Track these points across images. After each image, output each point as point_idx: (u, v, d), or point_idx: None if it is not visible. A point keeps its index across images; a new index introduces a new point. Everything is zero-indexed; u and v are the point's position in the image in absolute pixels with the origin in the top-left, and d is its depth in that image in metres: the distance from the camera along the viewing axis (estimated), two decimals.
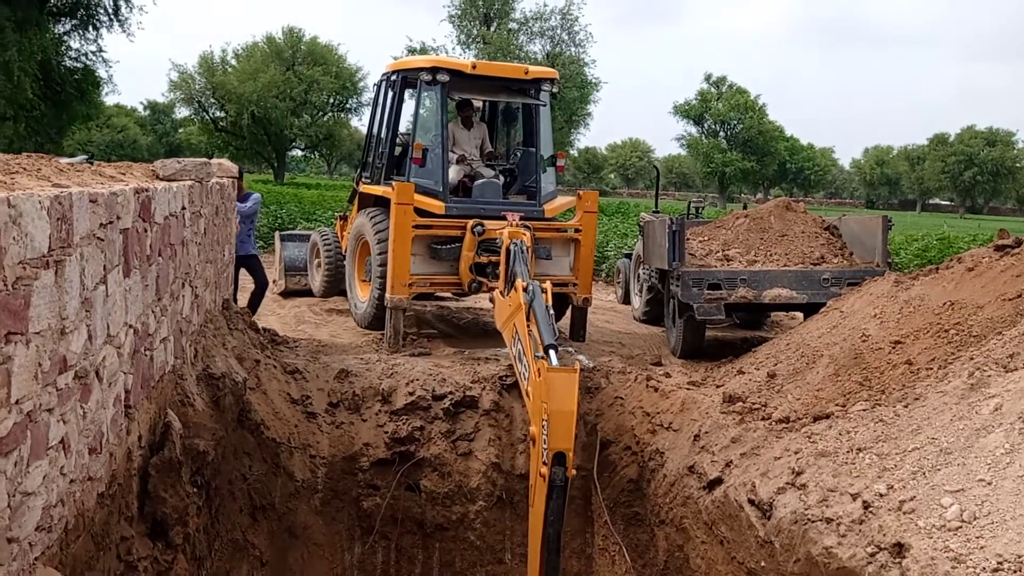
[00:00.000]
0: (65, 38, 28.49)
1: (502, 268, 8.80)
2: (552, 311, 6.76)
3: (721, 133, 73.86)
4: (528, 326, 6.54)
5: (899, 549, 4.31)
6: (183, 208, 5.55)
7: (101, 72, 29.99)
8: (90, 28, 28.45)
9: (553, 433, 5.58)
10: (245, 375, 6.94)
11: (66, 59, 28.74)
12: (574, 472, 5.71)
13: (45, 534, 3.10)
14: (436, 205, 9.71)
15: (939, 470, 4.70)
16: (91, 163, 5.39)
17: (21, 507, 2.84)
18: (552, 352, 6.06)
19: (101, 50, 29.49)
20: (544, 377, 5.71)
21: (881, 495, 4.74)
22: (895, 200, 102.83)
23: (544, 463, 5.61)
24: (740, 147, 71.77)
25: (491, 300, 9.52)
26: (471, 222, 9.55)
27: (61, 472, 3.24)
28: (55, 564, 3.19)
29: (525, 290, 6.86)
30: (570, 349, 9.65)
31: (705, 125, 74.10)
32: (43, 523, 3.06)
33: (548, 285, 7.04)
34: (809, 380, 6.78)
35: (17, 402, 2.75)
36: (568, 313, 10.51)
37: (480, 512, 7.80)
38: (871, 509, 4.69)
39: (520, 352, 6.78)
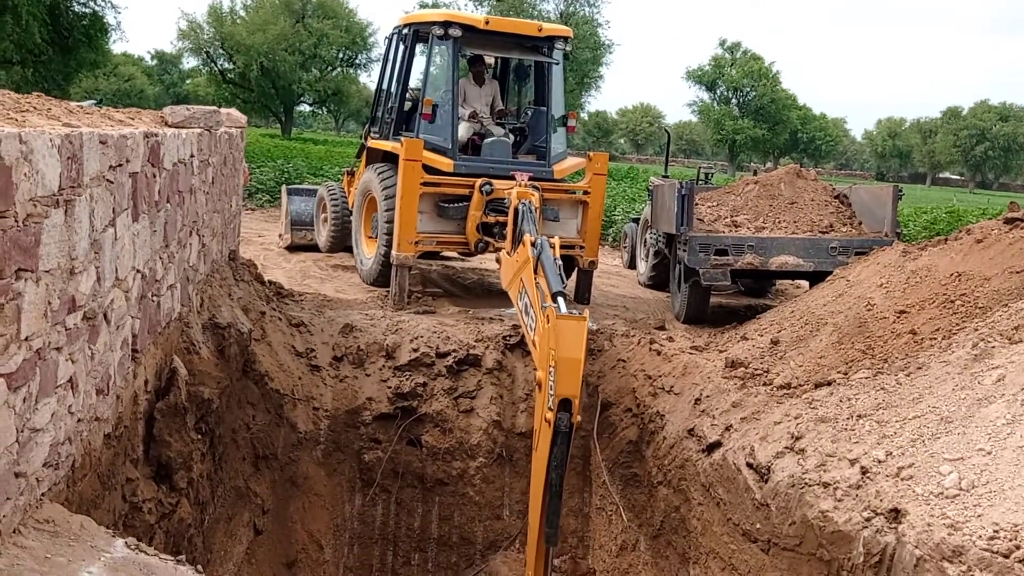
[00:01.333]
0: None
1: (509, 228, 8.78)
2: (560, 263, 6.75)
3: (733, 100, 73.27)
4: (536, 279, 6.54)
5: (896, 515, 4.34)
6: (192, 156, 5.54)
7: (109, 18, 29.77)
8: None
9: (560, 379, 5.60)
10: (250, 326, 6.97)
11: (75, 4, 28.51)
12: (579, 419, 5.73)
13: (52, 471, 3.14)
14: (445, 163, 9.65)
15: (939, 438, 4.73)
16: (100, 107, 5.37)
17: (29, 443, 2.87)
18: (560, 299, 6.06)
19: None
20: (553, 324, 5.71)
21: (879, 461, 4.77)
22: (905, 173, 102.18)
23: (550, 408, 5.63)
24: (752, 115, 71.23)
25: (497, 260, 9.51)
26: (479, 181, 9.50)
27: (69, 411, 3.27)
28: (61, 501, 3.24)
29: (533, 244, 6.85)
30: (574, 311, 9.66)
31: (718, 91, 73.51)
32: (50, 459, 3.10)
33: (556, 240, 7.02)
34: (812, 347, 6.80)
35: (27, 339, 2.77)
36: (574, 276, 10.52)
37: (480, 468, 7.88)
38: (869, 475, 4.73)
39: (527, 304, 6.78)
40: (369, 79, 59.07)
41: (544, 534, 5.85)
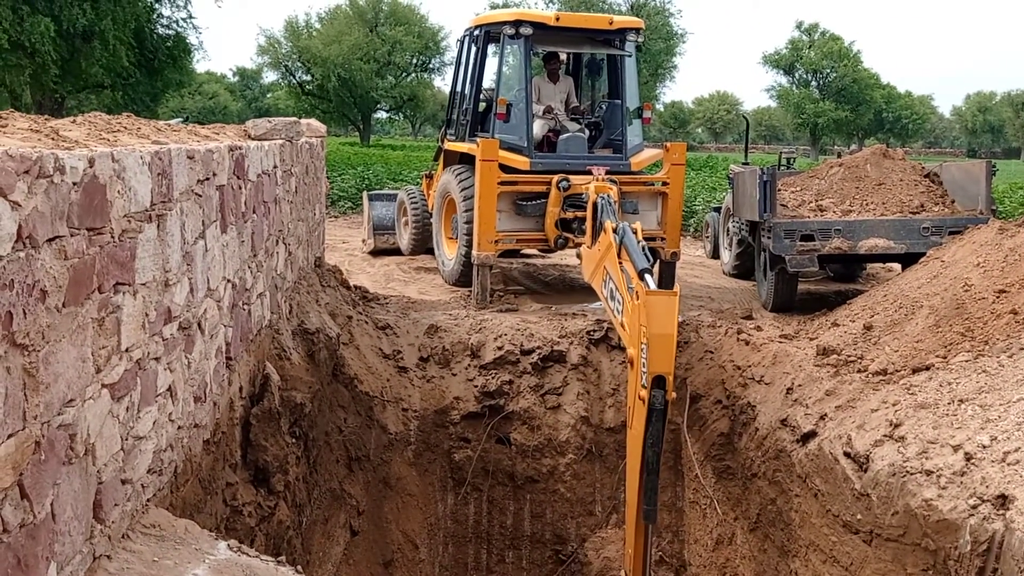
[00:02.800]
0: (156, 6, 29.17)
1: (588, 223, 8.73)
2: (645, 245, 6.63)
3: (813, 83, 71.50)
4: (620, 262, 6.44)
5: (1003, 501, 4.19)
6: (275, 166, 5.66)
7: (192, 39, 30.67)
8: None
9: (653, 357, 5.51)
10: (338, 330, 7.10)
11: (158, 27, 29.44)
12: (674, 395, 5.66)
13: (156, 477, 3.25)
14: (521, 161, 9.67)
15: None
16: (186, 124, 5.54)
17: (133, 450, 2.98)
18: (648, 276, 5.96)
19: (191, 16, 30.20)
20: (643, 300, 5.65)
21: (984, 446, 4.60)
22: (999, 148, 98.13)
23: (643, 386, 5.57)
24: (833, 96, 69.38)
25: (578, 256, 9.48)
26: (556, 177, 9.49)
27: (169, 418, 3.38)
28: (166, 506, 3.35)
29: (615, 230, 6.77)
30: None
31: (796, 75, 71.80)
32: (154, 466, 3.21)
33: (638, 225, 6.91)
34: (908, 331, 6.59)
35: (127, 350, 2.87)
36: (656, 268, 10.41)
37: (570, 465, 7.87)
38: (973, 461, 4.56)
39: (612, 290, 6.68)
40: (443, 83, 59.64)
41: (642, 511, 5.72)
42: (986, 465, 4.49)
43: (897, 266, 9.89)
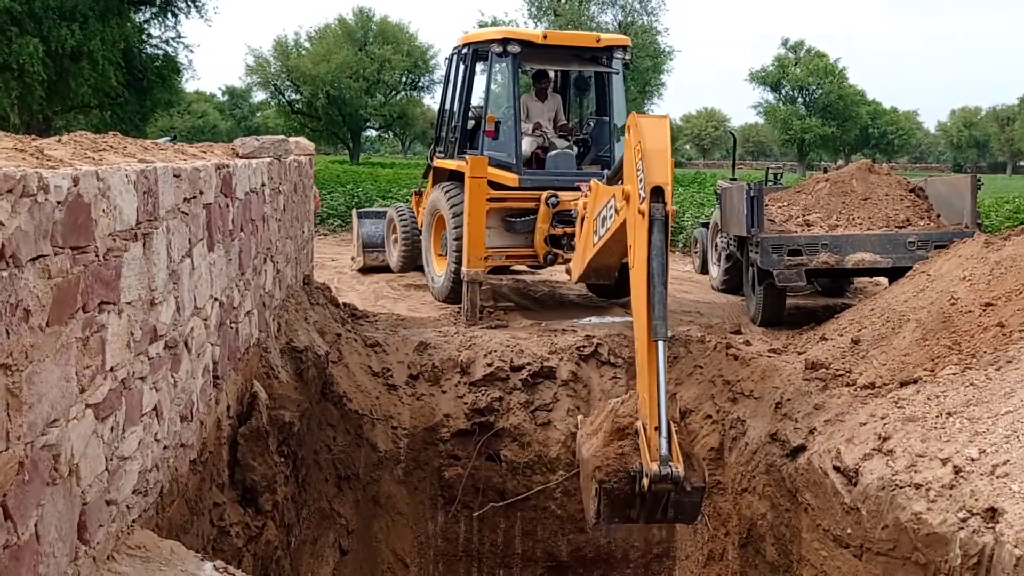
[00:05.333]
0: (145, 26, 29.18)
1: (577, 239, 8.76)
2: None
3: (799, 99, 71.97)
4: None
5: (993, 514, 4.19)
6: (263, 184, 5.66)
7: (181, 58, 30.66)
8: (169, 15, 29.09)
9: (649, 169, 5.65)
10: (327, 348, 7.08)
11: (147, 47, 29.44)
12: (673, 209, 5.78)
13: (142, 497, 3.23)
14: (510, 178, 9.70)
15: None
16: (174, 143, 5.54)
17: (118, 471, 2.96)
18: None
19: (180, 36, 30.18)
20: (635, 122, 5.97)
21: (973, 459, 4.61)
22: (984, 163, 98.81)
23: (642, 200, 5.67)
24: (819, 113, 69.84)
25: (567, 272, 9.50)
26: (545, 194, 9.52)
27: (155, 438, 3.36)
28: (152, 527, 3.32)
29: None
30: None
31: (783, 91, 72.28)
32: (139, 487, 3.19)
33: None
34: (895, 345, 6.61)
35: (112, 369, 2.85)
36: None
37: (561, 482, 7.84)
38: (962, 474, 4.57)
39: (605, 216, 7.01)
40: (432, 101, 59.77)
41: (651, 329, 5.56)
42: (975, 478, 4.50)
43: (884, 280, 9.93)
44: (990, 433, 4.78)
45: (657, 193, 5.60)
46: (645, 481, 5.25)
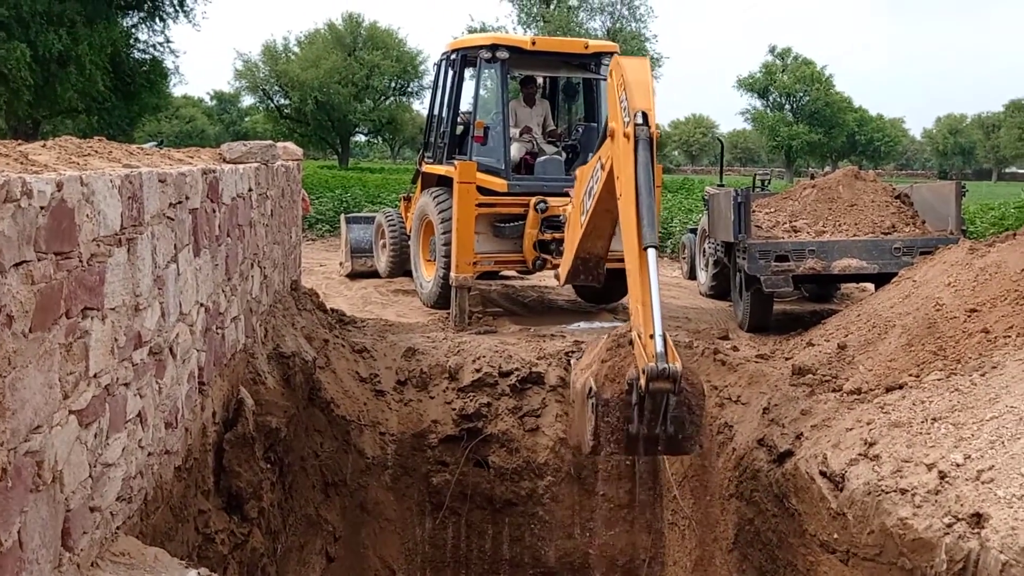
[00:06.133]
0: (133, 30, 29.12)
1: (566, 244, 8.78)
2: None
3: (787, 106, 72.23)
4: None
5: (978, 519, 4.20)
6: (250, 190, 5.65)
7: (169, 63, 30.60)
8: (157, 20, 29.04)
9: (632, 97, 5.96)
10: (314, 354, 7.05)
11: (135, 51, 29.37)
12: (658, 132, 5.99)
13: (126, 504, 3.21)
14: (498, 183, 9.71)
15: (1019, 439, 4.57)
16: (161, 148, 5.52)
17: (102, 477, 2.94)
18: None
19: (168, 41, 30.13)
20: (616, 62, 6.34)
21: (958, 465, 4.63)
22: (969, 170, 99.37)
23: (626, 123, 5.97)
24: (807, 120, 70.11)
25: (556, 277, 9.51)
26: (534, 199, 9.54)
27: (139, 445, 3.34)
28: (136, 534, 3.30)
29: None
30: None
31: (770, 98, 72.50)
32: (123, 493, 3.17)
33: None
34: (881, 351, 6.63)
35: (95, 375, 2.84)
36: None
37: (548, 487, 7.83)
38: (947, 479, 4.58)
39: (591, 187, 7.30)
40: (422, 106, 59.70)
41: (640, 237, 5.67)
42: (960, 483, 4.51)
43: (870, 286, 9.98)
44: (975, 439, 4.79)
45: (641, 118, 5.88)
46: (642, 380, 5.13)
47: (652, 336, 5.21)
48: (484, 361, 7.99)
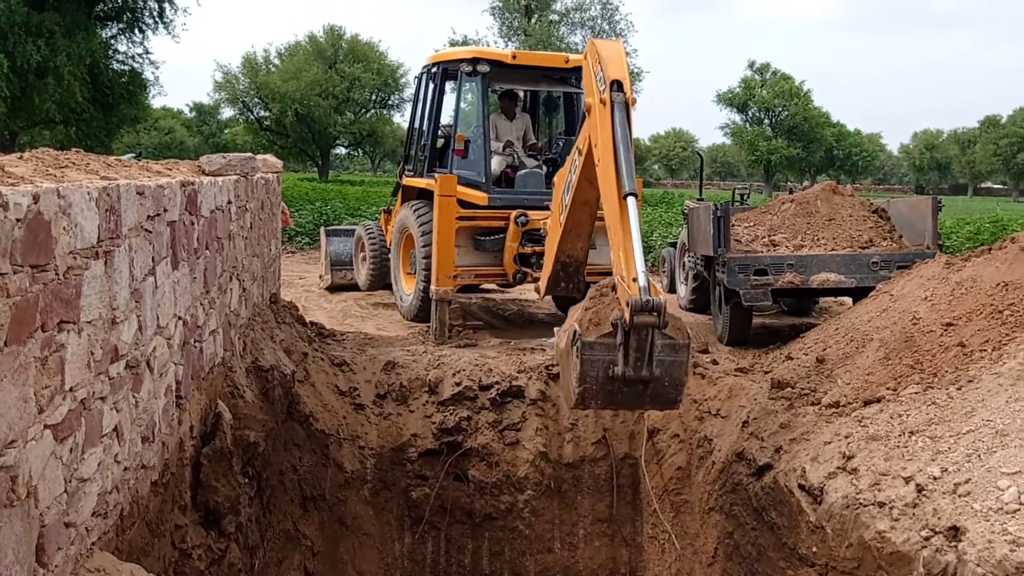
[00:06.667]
0: (112, 42, 29.00)
1: (546, 258, 8.79)
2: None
3: (766, 120, 72.86)
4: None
5: (955, 532, 4.23)
6: (229, 202, 5.62)
7: (148, 74, 30.51)
8: (136, 31, 28.96)
9: (607, 68, 6.23)
10: (293, 367, 7.02)
11: (113, 62, 29.25)
12: (634, 99, 6.21)
13: (101, 520, 3.17)
14: (479, 196, 9.72)
15: (995, 452, 4.60)
16: (139, 160, 5.49)
17: (77, 492, 2.91)
18: None
19: (147, 52, 30.05)
20: (591, 42, 6.66)
21: (935, 478, 4.65)
22: (945, 185, 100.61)
23: (602, 92, 6.21)
24: (785, 134, 70.72)
25: (537, 291, 9.51)
26: (514, 213, 9.55)
27: (115, 459, 3.30)
28: (111, 550, 3.26)
29: None
30: None
31: (749, 113, 73.13)
32: (99, 509, 3.13)
33: None
34: (859, 364, 6.67)
35: (71, 389, 2.81)
36: None
37: (528, 501, 7.81)
38: (925, 492, 4.61)
39: (566, 184, 7.59)
40: (402, 119, 59.73)
41: (620, 186, 5.80)
42: (937, 497, 4.54)
43: (849, 299, 10.04)
44: (952, 452, 4.83)
45: (616, 86, 6.09)
46: (626, 314, 5.11)
47: (635, 279, 5.26)
48: (464, 375, 7.97)
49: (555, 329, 6.79)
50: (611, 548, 7.98)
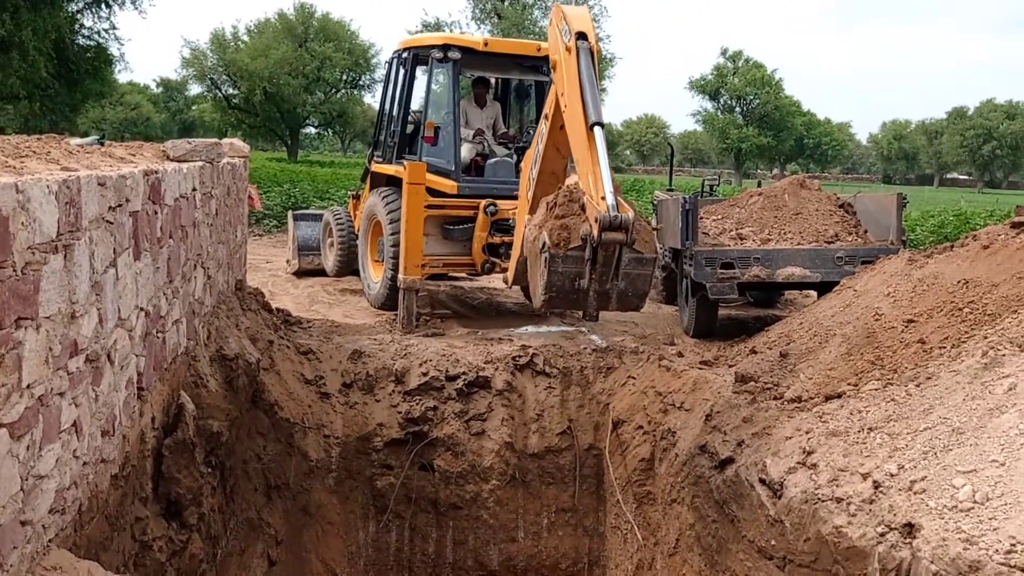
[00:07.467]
0: (78, 16, 28.51)
1: (515, 248, 8.78)
2: None
3: (737, 108, 73.22)
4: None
5: (910, 529, 4.30)
6: (194, 189, 5.56)
7: (114, 50, 30.07)
8: (103, 6, 28.48)
9: (571, 23, 6.45)
10: (259, 356, 6.97)
11: (79, 37, 28.77)
12: (598, 47, 6.34)
13: (59, 516, 3.14)
14: (448, 185, 9.68)
15: (951, 450, 4.68)
16: (102, 144, 5.40)
17: (34, 490, 2.87)
18: None
19: (114, 27, 29.59)
20: (556, 6, 6.85)
21: (892, 475, 4.73)
22: (912, 175, 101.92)
23: (568, 40, 6.45)
24: (756, 122, 71.14)
25: (505, 281, 9.51)
26: (484, 202, 9.52)
27: (74, 455, 3.27)
28: (69, 546, 3.23)
29: None
30: (583, 329, 9.65)
31: (721, 100, 73.46)
32: (57, 506, 3.10)
33: None
34: (822, 359, 6.75)
35: (28, 386, 2.77)
36: None
37: (493, 491, 7.84)
38: (881, 489, 4.68)
39: (533, 159, 7.75)
40: (373, 99, 59.33)
41: (586, 117, 5.99)
42: (893, 493, 4.61)
43: (814, 292, 10.16)
44: (909, 449, 4.90)
45: (581, 37, 6.32)
46: (595, 230, 5.25)
47: (603, 198, 5.42)
48: (431, 365, 7.97)
49: (527, 217, 6.94)
50: (574, 538, 8.05)
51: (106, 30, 29.26)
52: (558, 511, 8.04)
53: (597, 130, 5.89)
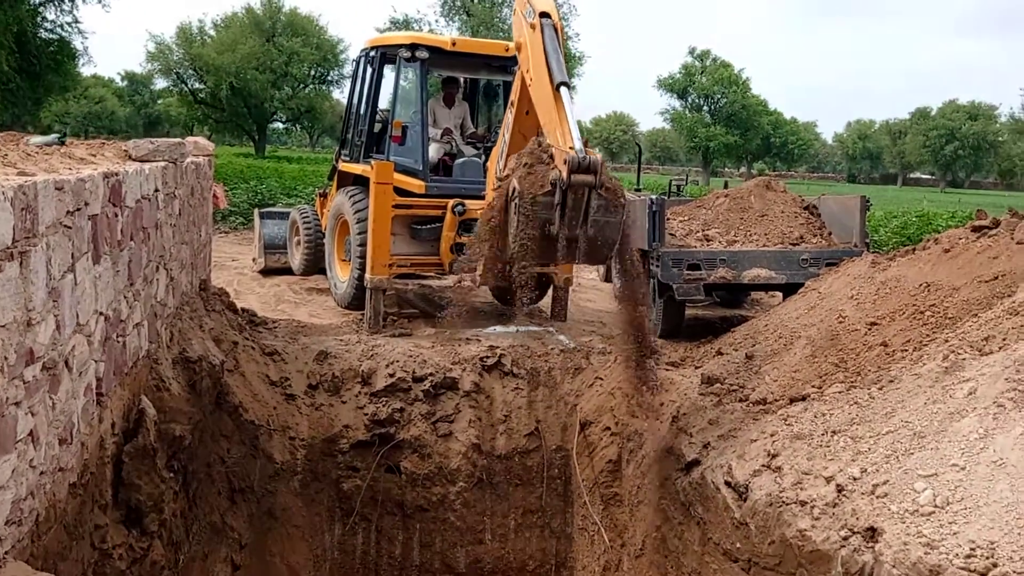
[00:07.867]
0: (41, 9, 28.06)
1: None
2: None
3: (705, 107, 73.60)
4: None
5: (872, 533, 4.33)
6: (156, 190, 5.47)
7: (77, 43, 29.65)
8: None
9: (536, 3, 6.47)
10: (223, 357, 6.89)
11: (42, 31, 28.33)
12: (561, 23, 6.47)
13: (15, 528, 3.08)
14: (416, 184, 9.63)
15: (912, 454, 4.73)
16: (63, 143, 5.30)
17: None
18: None
19: (77, 21, 29.14)
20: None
21: (855, 479, 4.77)
22: (876, 174, 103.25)
23: (532, 19, 6.48)
24: (724, 121, 71.55)
25: (472, 281, 9.48)
26: (452, 202, 9.49)
27: (30, 465, 3.20)
28: (26, 557, 3.17)
29: None
30: (551, 329, 9.65)
31: (689, 99, 73.78)
32: (12, 517, 3.04)
33: None
34: (786, 361, 6.80)
35: None
36: (549, 293, 10.50)
37: (460, 493, 7.82)
38: (844, 492, 4.72)
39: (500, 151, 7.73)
40: (341, 95, 58.89)
41: (551, 78, 6.07)
42: (856, 497, 4.65)
43: (780, 293, 10.24)
44: (871, 452, 4.95)
45: (545, 16, 6.36)
46: (564, 173, 5.29)
47: (571, 147, 5.47)
48: (398, 366, 7.93)
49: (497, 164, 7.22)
50: (541, 539, 8.05)
51: (69, 24, 28.86)
52: (525, 513, 8.04)
53: (563, 90, 5.91)
